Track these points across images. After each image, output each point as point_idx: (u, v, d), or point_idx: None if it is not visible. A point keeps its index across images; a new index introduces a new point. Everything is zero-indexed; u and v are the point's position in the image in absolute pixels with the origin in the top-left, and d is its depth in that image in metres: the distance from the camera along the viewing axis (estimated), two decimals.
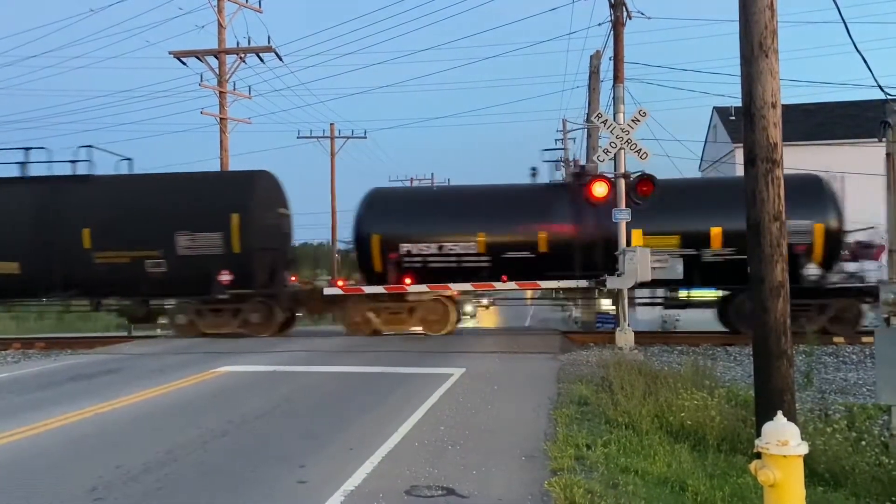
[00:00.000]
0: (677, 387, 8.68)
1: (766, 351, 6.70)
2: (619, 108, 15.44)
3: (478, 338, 16.33)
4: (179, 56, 26.29)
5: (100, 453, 6.90)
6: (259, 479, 5.99)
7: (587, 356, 13.19)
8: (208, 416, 8.46)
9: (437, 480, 5.83)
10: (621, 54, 18.75)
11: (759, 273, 6.73)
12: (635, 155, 14.41)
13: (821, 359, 12.91)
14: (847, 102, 32.06)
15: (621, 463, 6.35)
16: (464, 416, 8.20)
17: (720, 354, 13.73)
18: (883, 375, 7.06)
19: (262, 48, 26.44)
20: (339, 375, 11.45)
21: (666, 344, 15.67)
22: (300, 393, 10.04)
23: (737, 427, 7.43)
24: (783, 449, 3.78)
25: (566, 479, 5.65)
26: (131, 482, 5.94)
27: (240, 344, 16.15)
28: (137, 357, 14.59)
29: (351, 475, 5.97)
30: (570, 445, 6.79)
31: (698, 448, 7.12)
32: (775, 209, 6.66)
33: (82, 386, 11.02)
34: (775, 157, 6.67)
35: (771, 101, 6.66)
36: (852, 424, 7.52)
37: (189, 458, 6.65)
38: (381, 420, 8.06)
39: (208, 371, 11.93)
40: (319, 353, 14.28)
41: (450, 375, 10.94)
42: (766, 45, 6.64)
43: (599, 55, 23.99)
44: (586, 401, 8.99)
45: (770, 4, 6.66)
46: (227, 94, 26.74)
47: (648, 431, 7.43)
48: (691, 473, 6.11)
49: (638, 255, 14.25)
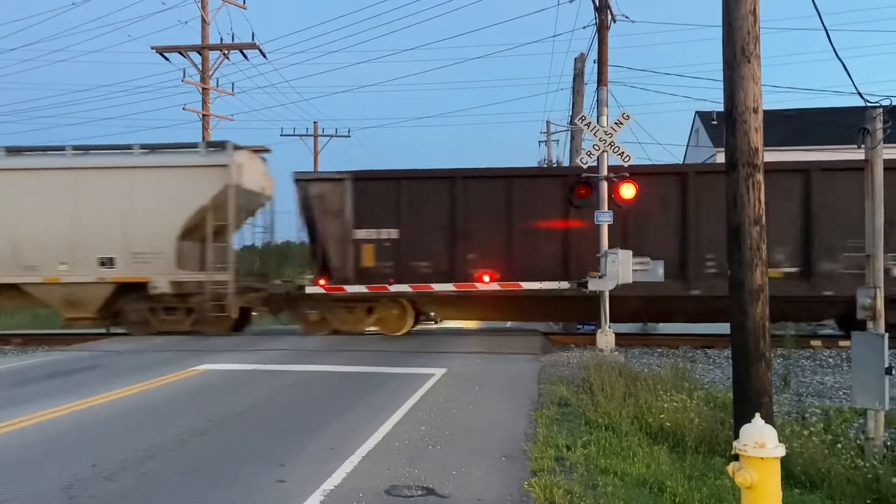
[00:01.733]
0: (657, 389, 8.74)
1: (744, 353, 6.76)
2: (602, 110, 15.53)
3: (459, 338, 16.32)
4: (162, 51, 26.10)
5: (76, 451, 6.83)
6: (238, 478, 5.95)
7: (568, 357, 13.23)
8: (187, 414, 8.40)
9: (417, 480, 5.82)
10: (605, 57, 18.81)
11: (738, 276, 6.79)
12: (618, 157, 14.49)
13: (798, 362, 13.04)
14: (826, 109, 32.43)
15: (601, 464, 6.38)
16: (445, 416, 8.20)
17: (699, 357, 13.82)
18: (859, 379, 7.15)
19: (245, 45, 26.31)
20: (320, 375, 11.41)
21: (646, 346, 15.75)
22: (280, 392, 9.99)
23: (715, 429, 7.49)
24: (761, 451, 3.81)
25: (546, 480, 5.67)
26: (108, 481, 5.88)
27: (220, 342, 16.04)
28: (116, 354, 14.45)
29: (331, 475, 5.95)
30: (551, 446, 6.81)
31: (677, 449, 7.17)
32: (756, 213, 6.73)
33: (59, 383, 10.90)
34: (756, 161, 6.73)
35: (753, 106, 6.72)
36: (828, 427, 7.61)
37: (167, 457, 6.59)
38: (361, 419, 8.04)
39: (188, 369, 11.84)
40: (300, 352, 14.22)
41: (431, 375, 10.94)
42: (749, 51, 6.70)
43: (584, 58, 24.12)
44: (567, 402, 9.02)
45: (753, 10, 6.72)
46: (211, 90, 26.58)
47: (628, 433, 7.47)
48: (670, 475, 6.15)
49: (620, 257, 14.33)
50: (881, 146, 7.43)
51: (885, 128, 7.45)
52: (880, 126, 7.39)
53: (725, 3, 6.84)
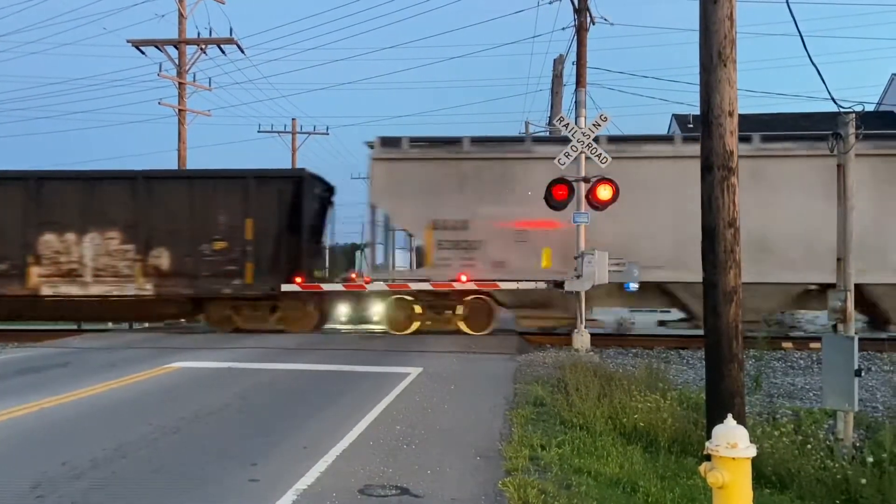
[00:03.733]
0: (631, 389, 8.79)
1: (717, 354, 6.82)
2: (580, 112, 15.58)
3: (435, 337, 16.29)
4: (138, 45, 25.76)
5: (45, 449, 6.72)
6: (210, 476, 5.89)
7: (544, 357, 13.27)
8: (159, 412, 8.31)
9: (391, 480, 5.80)
10: (584, 59, 18.96)
11: (712, 278, 6.85)
12: (596, 159, 14.51)
13: (770, 363, 13.19)
14: (799, 114, 32.86)
15: (575, 464, 6.40)
16: (420, 416, 8.18)
17: (673, 357, 13.94)
18: (829, 381, 7.25)
19: (223, 40, 26.05)
20: (295, 373, 11.34)
21: (621, 346, 15.84)
22: (254, 390, 9.92)
23: (688, 429, 7.55)
24: (732, 451, 3.84)
25: (520, 480, 5.68)
26: (76, 479, 5.79)
27: (192, 340, 15.88)
28: (87, 351, 14.26)
29: (304, 474, 5.91)
30: (525, 446, 6.83)
31: (650, 450, 7.21)
32: (730, 216, 6.79)
33: (29, 380, 10.72)
34: (731, 164, 6.79)
35: (728, 109, 6.78)
36: (799, 428, 7.69)
37: (138, 455, 6.51)
38: (335, 418, 8.00)
39: (160, 367, 11.71)
40: (274, 350, 14.12)
41: (407, 375, 10.92)
42: (725, 55, 6.76)
43: (563, 59, 24.25)
44: (542, 402, 9.05)
45: (730, 15, 6.78)
46: (187, 85, 26.30)
47: (602, 433, 7.51)
48: (643, 475, 6.19)
49: (596, 257, 14.40)
50: (853, 151, 7.54)
51: (858, 133, 7.57)
52: (853, 132, 7.50)
53: (703, 6, 6.89)
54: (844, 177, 7.50)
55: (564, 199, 14.43)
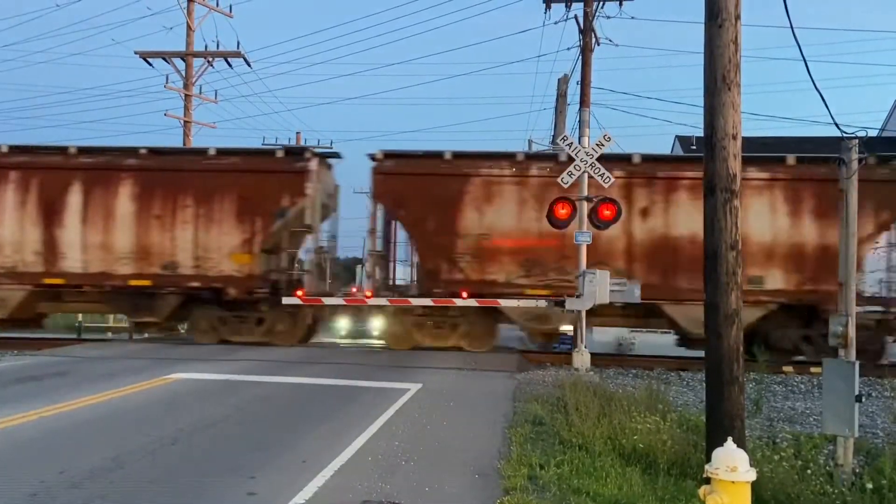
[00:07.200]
0: (631, 410, 8.76)
1: (718, 377, 6.80)
2: (584, 131, 15.66)
3: (435, 353, 16.27)
4: (146, 56, 25.95)
5: (43, 458, 6.71)
6: (207, 489, 5.88)
7: (543, 376, 13.25)
8: (158, 423, 8.29)
9: (389, 496, 5.79)
10: (588, 79, 19.05)
11: (714, 300, 6.85)
12: (598, 178, 14.56)
13: (770, 387, 13.15)
14: (803, 138, 32.93)
15: (573, 484, 6.38)
16: (419, 432, 8.16)
17: (674, 379, 13.90)
18: (829, 406, 7.22)
19: (230, 53, 26.24)
20: (294, 386, 11.32)
21: (621, 367, 15.80)
22: (253, 403, 9.90)
23: (687, 452, 7.52)
24: (732, 475, 3.84)
25: (518, 499, 5.67)
26: (74, 489, 5.78)
27: (192, 351, 15.87)
28: (87, 360, 14.24)
29: (302, 488, 5.90)
30: (524, 465, 6.81)
31: (649, 471, 7.18)
32: (732, 238, 6.80)
33: (28, 388, 10.71)
34: (734, 187, 6.81)
35: (732, 132, 6.81)
36: (799, 453, 7.66)
37: (136, 466, 6.50)
38: (334, 433, 7.98)
39: (159, 378, 11.69)
40: (274, 363, 14.10)
41: (406, 390, 10.90)
42: (730, 79, 6.80)
43: (567, 79, 24.32)
44: (541, 420, 9.02)
45: (734, 39, 6.83)
46: (193, 97, 26.46)
47: (601, 453, 7.48)
48: (641, 496, 6.17)
49: (597, 277, 14.39)
50: (856, 176, 7.57)
51: (861, 158, 7.59)
52: (856, 157, 7.53)
53: (708, 31, 6.94)
54: (847, 202, 7.52)
55: (566, 219, 14.49)
